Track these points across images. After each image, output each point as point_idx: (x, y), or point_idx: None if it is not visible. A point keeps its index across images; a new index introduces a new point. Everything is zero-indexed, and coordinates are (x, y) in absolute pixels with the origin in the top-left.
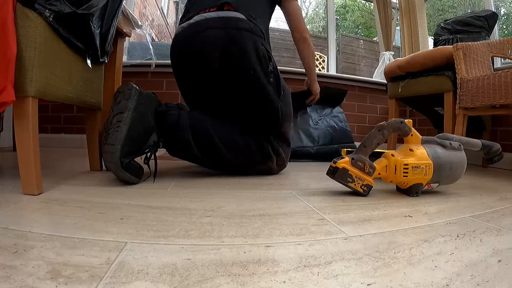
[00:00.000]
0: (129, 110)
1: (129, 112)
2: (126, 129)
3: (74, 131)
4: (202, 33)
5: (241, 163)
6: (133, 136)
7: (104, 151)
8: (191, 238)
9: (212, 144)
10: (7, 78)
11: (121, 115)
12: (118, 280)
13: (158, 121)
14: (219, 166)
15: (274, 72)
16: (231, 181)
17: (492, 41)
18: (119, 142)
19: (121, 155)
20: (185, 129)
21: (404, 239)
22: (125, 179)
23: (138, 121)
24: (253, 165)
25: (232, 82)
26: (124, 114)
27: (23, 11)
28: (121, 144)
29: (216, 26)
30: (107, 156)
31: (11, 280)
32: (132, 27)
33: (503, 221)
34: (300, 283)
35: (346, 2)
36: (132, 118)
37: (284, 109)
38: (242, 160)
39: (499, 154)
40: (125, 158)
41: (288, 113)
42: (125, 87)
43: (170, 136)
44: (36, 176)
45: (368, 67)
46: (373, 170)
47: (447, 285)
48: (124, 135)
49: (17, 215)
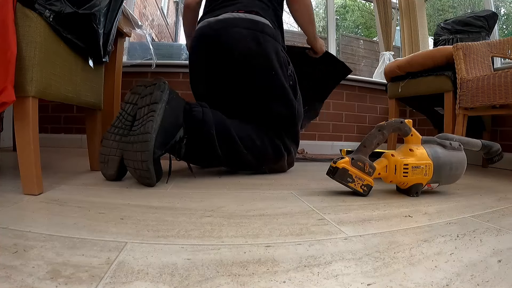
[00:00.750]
0: (163, 102)
1: (163, 104)
2: (160, 119)
3: (74, 131)
4: (230, 29)
5: (257, 162)
6: (166, 127)
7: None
8: (191, 238)
9: (233, 142)
10: (7, 78)
11: (155, 105)
12: (118, 280)
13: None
14: (236, 165)
15: (292, 76)
16: (231, 181)
17: (492, 41)
18: (154, 130)
19: (155, 145)
20: (210, 125)
21: (404, 239)
22: (146, 175)
23: (170, 114)
24: (268, 163)
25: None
26: (159, 105)
27: (23, 11)
28: (156, 133)
29: (244, 26)
30: (138, 146)
31: (11, 280)
32: (132, 27)
33: (503, 221)
34: (300, 283)
35: (346, 2)
36: (165, 110)
37: (299, 109)
38: (259, 159)
39: (499, 154)
40: (158, 149)
41: (301, 113)
42: (158, 80)
43: (197, 132)
44: (37, 176)
45: (368, 67)
46: (373, 170)
47: (447, 285)
48: (158, 124)
49: (17, 215)
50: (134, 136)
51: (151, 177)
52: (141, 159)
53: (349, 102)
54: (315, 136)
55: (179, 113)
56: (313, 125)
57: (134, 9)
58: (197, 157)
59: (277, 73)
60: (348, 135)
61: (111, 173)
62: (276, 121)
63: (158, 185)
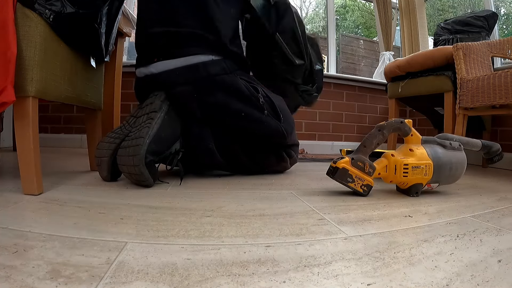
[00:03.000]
0: (162, 112)
1: (161, 114)
2: (157, 127)
3: (74, 131)
4: (171, 91)
5: (259, 168)
6: (161, 136)
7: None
8: (191, 238)
9: (233, 152)
10: (7, 78)
11: (154, 113)
12: (118, 280)
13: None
14: (238, 171)
15: (266, 101)
16: (231, 181)
17: (492, 41)
18: (149, 136)
19: (147, 150)
20: (208, 139)
21: (404, 239)
22: (141, 179)
23: (168, 124)
24: (270, 167)
25: (226, 125)
26: (157, 114)
27: (23, 11)
28: (150, 139)
29: (182, 81)
30: (130, 151)
31: (11, 280)
32: (132, 27)
33: (503, 221)
34: (300, 283)
35: (346, 2)
36: (163, 119)
37: (287, 127)
38: (261, 165)
39: (499, 154)
40: (150, 155)
41: (290, 125)
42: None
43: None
44: (37, 176)
45: (368, 67)
46: (373, 170)
47: (447, 285)
48: (154, 132)
49: (17, 215)
50: (128, 141)
51: (146, 180)
52: (133, 164)
53: (349, 102)
54: (315, 136)
55: (178, 125)
56: (313, 125)
57: (134, 9)
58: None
59: (246, 113)
60: (348, 135)
61: (105, 175)
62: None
63: (158, 185)
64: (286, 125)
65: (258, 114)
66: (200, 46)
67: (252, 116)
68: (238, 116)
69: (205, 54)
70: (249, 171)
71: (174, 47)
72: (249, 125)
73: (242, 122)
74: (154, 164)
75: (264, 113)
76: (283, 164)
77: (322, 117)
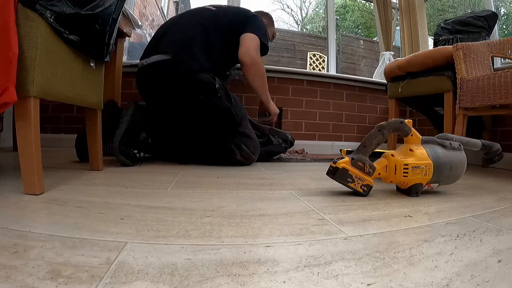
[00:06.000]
0: (129, 116)
1: (127, 117)
2: (124, 128)
3: (74, 131)
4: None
5: (210, 158)
6: (128, 133)
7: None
8: (191, 238)
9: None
10: (9, 79)
11: (123, 118)
12: (118, 280)
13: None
14: (192, 160)
15: (220, 87)
16: (231, 181)
17: (492, 41)
18: (119, 135)
19: (120, 143)
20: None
21: (404, 239)
22: (122, 162)
23: (133, 123)
24: (220, 159)
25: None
26: (125, 118)
27: (24, 12)
28: (119, 137)
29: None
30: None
31: (11, 280)
32: (132, 27)
33: (503, 221)
34: (300, 283)
35: (346, 2)
36: (129, 121)
37: (238, 112)
38: (211, 156)
39: (499, 154)
40: (122, 146)
41: (242, 114)
42: (130, 102)
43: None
44: (38, 176)
45: (368, 67)
46: (373, 170)
47: (447, 285)
48: (122, 131)
49: (17, 215)
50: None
51: (124, 162)
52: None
53: (349, 102)
54: (315, 136)
55: (142, 122)
56: (313, 125)
57: (134, 9)
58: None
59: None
60: (348, 135)
61: None
62: (221, 126)
63: (158, 185)
64: (238, 110)
65: (214, 96)
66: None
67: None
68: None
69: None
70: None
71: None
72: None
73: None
74: (127, 153)
75: (218, 95)
76: (234, 157)
77: (322, 117)
